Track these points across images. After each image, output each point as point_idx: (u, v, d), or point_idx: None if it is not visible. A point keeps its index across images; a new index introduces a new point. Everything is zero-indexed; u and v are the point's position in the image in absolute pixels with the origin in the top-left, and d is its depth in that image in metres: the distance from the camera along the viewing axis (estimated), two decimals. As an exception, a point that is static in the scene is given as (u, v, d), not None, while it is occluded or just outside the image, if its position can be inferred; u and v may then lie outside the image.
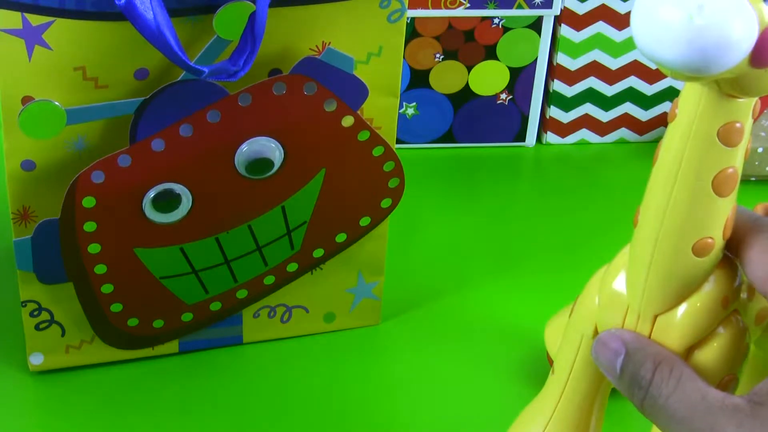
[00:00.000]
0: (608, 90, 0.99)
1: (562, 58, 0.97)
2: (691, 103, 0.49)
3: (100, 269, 0.70)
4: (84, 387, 0.74)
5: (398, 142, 0.97)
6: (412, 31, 0.93)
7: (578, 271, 0.70)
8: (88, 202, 0.67)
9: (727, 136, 0.49)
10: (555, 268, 0.86)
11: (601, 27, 0.96)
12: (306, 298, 0.77)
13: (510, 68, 0.96)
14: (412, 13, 0.92)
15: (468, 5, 0.92)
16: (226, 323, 0.76)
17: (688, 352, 0.53)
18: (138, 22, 0.60)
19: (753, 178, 0.95)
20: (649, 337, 0.54)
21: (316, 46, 0.68)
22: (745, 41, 0.44)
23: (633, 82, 0.98)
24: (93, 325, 0.73)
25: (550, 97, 0.98)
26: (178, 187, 0.68)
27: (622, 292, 0.54)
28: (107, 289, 0.71)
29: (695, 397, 0.50)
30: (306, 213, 0.72)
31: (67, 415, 0.72)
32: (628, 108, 1.00)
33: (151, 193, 0.68)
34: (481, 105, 0.97)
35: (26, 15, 0.62)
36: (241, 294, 0.75)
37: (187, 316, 0.74)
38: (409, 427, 0.73)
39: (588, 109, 0.99)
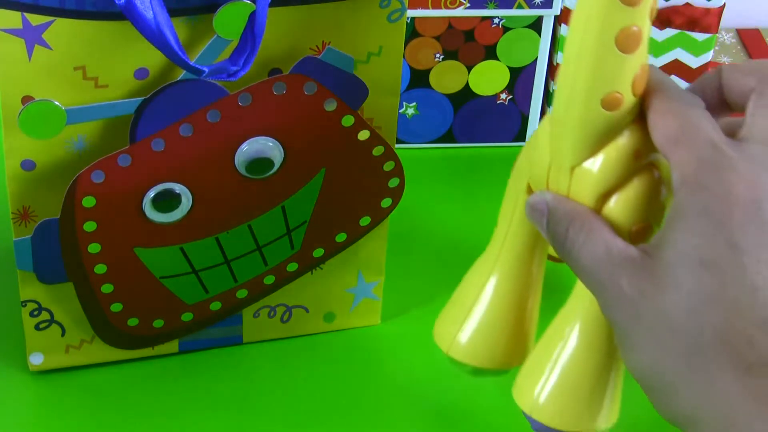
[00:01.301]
0: (608, 90, 0.98)
1: (562, 58, 0.97)
2: None
3: (100, 269, 0.70)
4: (84, 387, 0.74)
5: (398, 142, 0.97)
6: (412, 31, 0.93)
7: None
8: (88, 201, 0.67)
9: None
10: (554, 268, 0.86)
11: (601, 27, 0.96)
12: (306, 298, 0.77)
13: (510, 68, 0.96)
14: (412, 13, 0.92)
15: (468, 5, 0.92)
16: (226, 323, 0.76)
17: (603, 200, 0.55)
18: (138, 21, 0.61)
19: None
20: (569, 187, 0.56)
21: (316, 46, 0.68)
22: None
23: (633, 82, 0.98)
24: (93, 325, 0.73)
25: (550, 97, 0.98)
26: (178, 187, 0.68)
27: (545, 147, 0.57)
28: (107, 289, 0.71)
29: (600, 250, 0.53)
30: (306, 213, 0.72)
31: (67, 415, 0.72)
32: (628, 108, 1.00)
33: (151, 193, 0.68)
34: (481, 105, 0.97)
35: (26, 15, 0.62)
36: (241, 294, 0.74)
37: (187, 316, 0.74)
38: (409, 426, 0.73)
39: (588, 109, 0.99)
